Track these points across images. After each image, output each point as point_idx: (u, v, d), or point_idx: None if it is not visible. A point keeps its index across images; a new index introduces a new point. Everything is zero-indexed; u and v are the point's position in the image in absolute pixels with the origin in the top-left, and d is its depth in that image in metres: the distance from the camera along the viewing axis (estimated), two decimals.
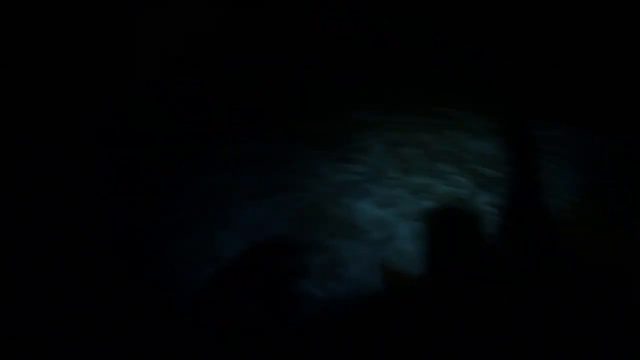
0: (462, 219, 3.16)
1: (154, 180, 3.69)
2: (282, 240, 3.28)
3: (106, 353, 2.69)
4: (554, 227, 2.97)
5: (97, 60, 4.48)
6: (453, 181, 3.62)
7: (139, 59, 4.59)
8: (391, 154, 3.94)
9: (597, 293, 2.61)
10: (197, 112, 4.31)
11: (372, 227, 3.31)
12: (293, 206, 3.51)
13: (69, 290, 2.96)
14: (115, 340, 2.74)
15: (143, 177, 3.70)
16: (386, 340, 2.66)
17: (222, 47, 4.70)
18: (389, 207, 3.44)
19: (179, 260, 3.16)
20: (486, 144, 3.93)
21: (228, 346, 2.72)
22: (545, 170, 3.59)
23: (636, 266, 2.66)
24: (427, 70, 4.55)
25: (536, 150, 3.26)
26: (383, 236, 3.23)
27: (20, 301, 2.91)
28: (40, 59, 4.33)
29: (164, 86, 4.50)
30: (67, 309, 2.88)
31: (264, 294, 2.98)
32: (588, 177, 3.59)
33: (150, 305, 2.90)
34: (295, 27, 4.78)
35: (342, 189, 3.63)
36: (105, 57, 4.51)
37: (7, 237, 3.23)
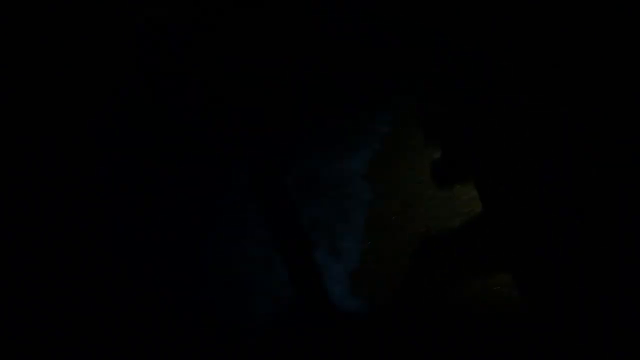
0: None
1: (154, 180, 3.69)
2: (282, 240, 3.28)
3: (106, 353, 2.69)
4: None
5: (97, 60, 4.47)
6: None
7: (138, 58, 4.58)
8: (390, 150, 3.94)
9: None
10: (197, 112, 4.31)
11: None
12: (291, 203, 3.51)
13: (69, 290, 2.96)
14: (116, 340, 2.74)
15: (143, 177, 3.71)
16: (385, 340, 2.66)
17: (222, 47, 4.69)
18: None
19: (179, 260, 3.16)
20: None
21: (228, 346, 2.72)
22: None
23: None
24: (427, 70, 4.54)
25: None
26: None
27: (20, 301, 2.91)
28: (40, 59, 4.33)
29: (164, 86, 4.50)
30: (67, 309, 2.87)
31: (264, 294, 2.97)
32: None
33: (150, 305, 2.90)
34: (295, 27, 4.78)
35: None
36: (105, 56, 4.51)
37: (7, 237, 3.23)
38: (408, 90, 4.48)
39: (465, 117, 2.68)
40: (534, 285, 2.45)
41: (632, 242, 2.14)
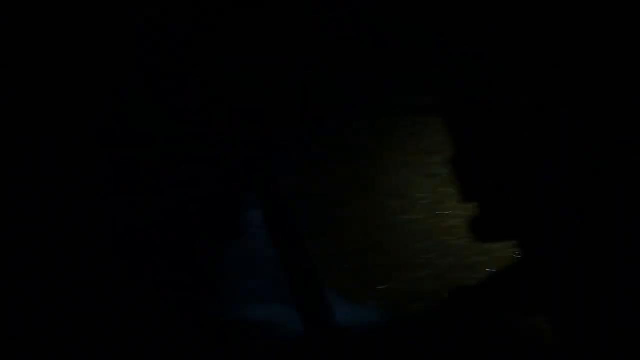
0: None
1: (154, 180, 3.69)
2: (282, 241, 3.27)
3: (106, 353, 2.69)
4: None
5: (97, 60, 4.47)
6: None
7: (138, 58, 4.58)
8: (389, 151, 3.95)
9: None
10: (197, 112, 4.31)
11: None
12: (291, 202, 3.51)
13: (69, 290, 2.96)
14: (116, 340, 2.74)
15: (143, 177, 3.71)
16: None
17: (222, 47, 4.69)
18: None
19: (179, 260, 3.16)
20: None
21: (228, 346, 2.72)
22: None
23: None
24: (427, 70, 4.54)
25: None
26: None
27: (20, 301, 2.91)
28: (40, 59, 4.32)
29: (164, 86, 4.49)
30: (67, 309, 2.87)
31: (264, 294, 2.97)
32: None
33: (150, 305, 2.90)
34: (295, 27, 4.78)
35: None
36: (105, 56, 4.50)
37: (7, 237, 3.23)
38: (408, 90, 4.48)
39: (465, 117, 2.69)
40: (534, 286, 2.45)
41: (632, 242, 2.14)
